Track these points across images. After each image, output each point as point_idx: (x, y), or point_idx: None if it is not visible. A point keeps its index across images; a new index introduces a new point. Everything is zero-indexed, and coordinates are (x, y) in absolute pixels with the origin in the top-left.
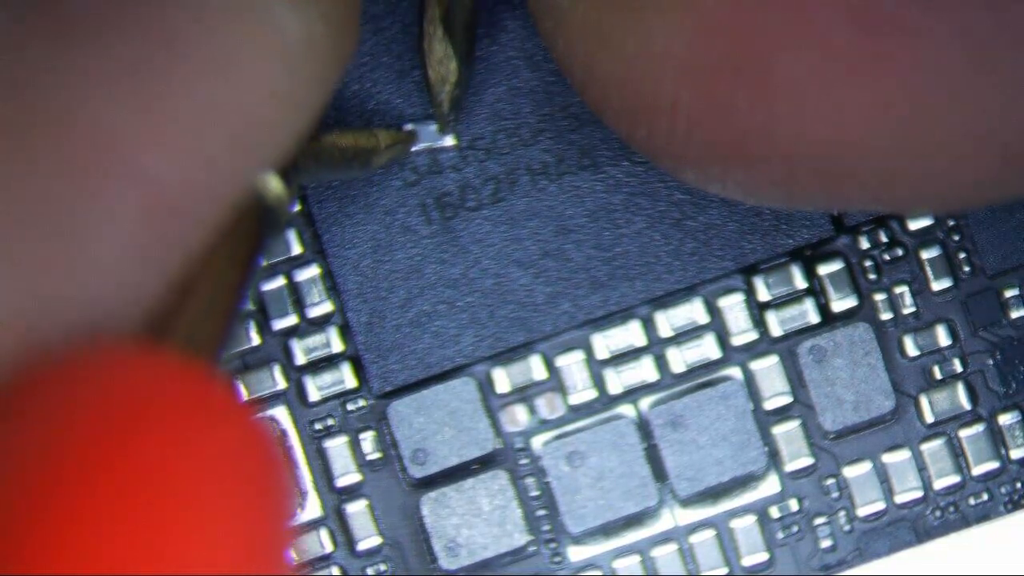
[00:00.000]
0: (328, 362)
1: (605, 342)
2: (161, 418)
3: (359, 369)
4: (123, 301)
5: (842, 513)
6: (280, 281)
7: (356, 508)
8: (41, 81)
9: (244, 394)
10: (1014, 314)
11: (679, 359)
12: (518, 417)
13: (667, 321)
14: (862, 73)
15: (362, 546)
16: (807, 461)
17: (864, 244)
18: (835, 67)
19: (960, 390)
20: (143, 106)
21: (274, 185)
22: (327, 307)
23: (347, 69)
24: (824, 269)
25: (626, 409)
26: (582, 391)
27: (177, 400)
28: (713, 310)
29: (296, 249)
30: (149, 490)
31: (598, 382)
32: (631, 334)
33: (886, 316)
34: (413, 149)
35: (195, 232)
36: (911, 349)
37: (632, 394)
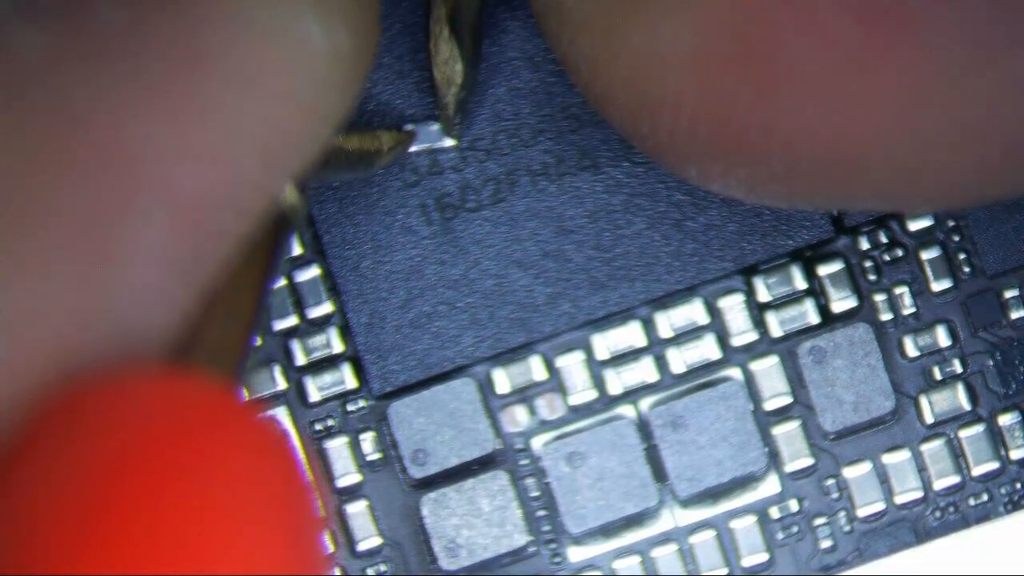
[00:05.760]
0: (328, 363)
1: (605, 343)
2: (191, 432)
3: (359, 370)
4: (155, 317)
5: (842, 514)
6: (280, 282)
7: (356, 509)
8: (73, 100)
9: (245, 395)
10: (1014, 315)
11: (679, 359)
12: (518, 418)
13: (667, 322)
14: (863, 67)
15: (362, 547)
16: (807, 461)
17: (864, 245)
18: (837, 61)
19: (960, 391)
20: (173, 122)
21: (289, 193)
22: (327, 308)
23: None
24: (824, 270)
25: (626, 410)
26: (582, 392)
27: (204, 414)
28: (713, 311)
29: (296, 250)
30: (187, 494)
31: (598, 383)
32: (631, 335)
33: (886, 317)
34: (413, 149)
35: (223, 246)
36: (911, 350)
37: (632, 395)
